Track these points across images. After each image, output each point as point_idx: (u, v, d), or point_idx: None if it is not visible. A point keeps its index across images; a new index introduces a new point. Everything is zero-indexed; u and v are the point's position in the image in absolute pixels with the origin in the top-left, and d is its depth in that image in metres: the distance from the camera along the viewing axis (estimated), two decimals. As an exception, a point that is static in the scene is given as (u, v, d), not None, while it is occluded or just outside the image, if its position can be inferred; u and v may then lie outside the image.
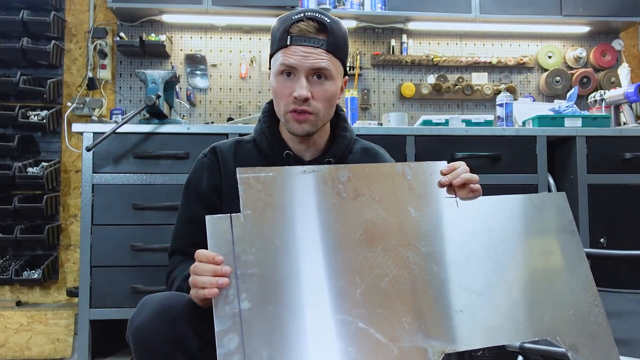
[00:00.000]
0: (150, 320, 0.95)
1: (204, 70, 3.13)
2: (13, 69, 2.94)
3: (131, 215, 2.25)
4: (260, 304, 0.83)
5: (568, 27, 3.24)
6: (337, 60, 1.14)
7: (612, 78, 3.25)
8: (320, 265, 0.89)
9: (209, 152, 1.24)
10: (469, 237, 1.00)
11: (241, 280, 0.84)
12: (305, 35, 1.10)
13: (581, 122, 2.52)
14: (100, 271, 2.23)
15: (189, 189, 1.23)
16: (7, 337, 2.62)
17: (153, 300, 0.98)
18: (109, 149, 2.27)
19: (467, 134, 2.41)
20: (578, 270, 1.03)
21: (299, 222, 0.91)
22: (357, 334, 0.85)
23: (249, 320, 0.81)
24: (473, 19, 3.02)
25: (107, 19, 3.09)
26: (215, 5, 2.85)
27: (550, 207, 1.08)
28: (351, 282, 0.89)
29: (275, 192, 0.92)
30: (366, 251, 0.92)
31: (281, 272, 0.86)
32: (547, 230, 1.06)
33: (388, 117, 2.85)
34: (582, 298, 1.00)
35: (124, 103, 3.07)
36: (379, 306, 0.88)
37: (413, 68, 3.26)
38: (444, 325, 0.90)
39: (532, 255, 1.02)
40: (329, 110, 1.17)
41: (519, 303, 0.97)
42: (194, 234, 1.17)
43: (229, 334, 0.79)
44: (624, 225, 2.40)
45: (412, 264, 0.94)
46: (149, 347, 0.95)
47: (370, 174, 0.99)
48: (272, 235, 0.88)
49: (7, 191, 2.84)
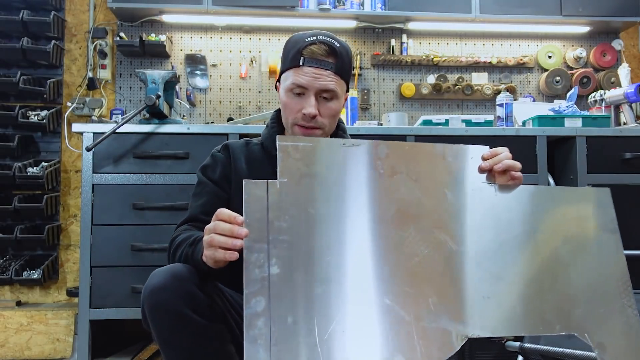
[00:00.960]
0: (163, 282, 1.04)
1: (204, 70, 3.13)
2: (13, 69, 2.94)
3: (131, 215, 2.25)
4: (289, 271, 0.83)
5: (568, 27, 3.24)
6: (342, 81, 1.26)
7: (612, 78, 3.25)
8: (351, 239, 0.89)
9: (222, 148, 1.36)
10: (504, 225, 0.98)
11: (272, 245, 0.84)
12: (317, 57, 1.21)
13: (581, 122, 2.51)
14: (100, 271, 2.23)
15: (203, 177, 1.33)
16: (7, 337, 2.62)
17: (161, 270, 1.08)
18: (109, 149, 2.27)
19: (467, 134, 2.41)
20: (615, 269, 1.02)
21: (334, 194, 0.91)
22: (382, 310, 0.85)
23: (277, 285, 0.81)
24: (473, 19, 3.02)
25: (107, 19, 3.09)
26: (215, 5, 2.85)
27: (593, 202, 1.07)
28: (381, 258, 0.89)
29: (312, 163, 0.92)
30: (398, 229, 0.92)
31: (312, 242, 0.87)
32: (588, 226, 1.04)
33: (388, 117, 2.85)
34: (617, 298, 0.99)
35: (124, 103, 3.07)
36: (406, 285, 0.88)
37: (413, 68, 3.26)
38: (470, 310, 0.90)
39: (569, 250, 1.00)
40: (333, 125, 1.31)
41: (549, 296, 0.96)
42: (208, 204, 1.26)
43: (257, 297, 0.80)
44: (624, 225, 2.37)
45: (443, 246, 0.93)
46: (163, 306, 1.04)
47: (409, 152, 0.98)
48: (306, 204, 0.89)
49: (7, 191, 2.84)
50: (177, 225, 1.29)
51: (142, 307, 1.08)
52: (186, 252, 1.12)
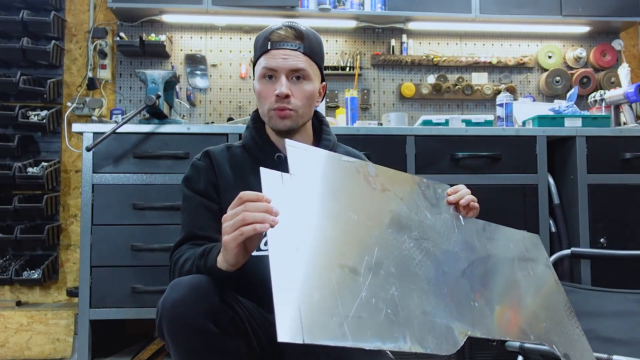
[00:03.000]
0: (184, 297, 0.99)
1: (204, 70, 3.13)
2: (13, 69, 2.94)
3: (131, 215, 2.25)
4: (309, 253, 0.85)
5: (568, 27, 3.24)
6: (313, 63, 1.26)
7: (612, 78, 3.25)
8: (358, 235, 0.93)
9: (203, 156, 1.32)
10: (470, 247, 1.11)
11: (291, 229, 0.87)
12: (284, 40, 1.23)
13: (581, 122, 2.52)
14: (100, 271, 2.23)
15: (188, 190, 1.28)
16: (7, 337, 2.62)
17: (182, 281, 1.03)
18: (109, 149, 2.27)
19: (467, 134, 2.41)
20: (558, 296, 1.19)
21: (338, 194, 0.97)
22: (392, 300, 0.88)
23: (300, 264, 0.82)
24: (473, 19, 3.03)
25: (107, 19, 3.09)
26: (215, 5, 2.85)
27: (531, 243, 1.26)
28: (385, 255, 0.93)
29: (317, 166, 0.99)
30: (395, 234, 0.99)
31: (325, 232, 0.90)
32: (529, 258, 1.23)
33: (388, 117, 2.85)
34: (565, 319, 1.13)
35: (124, 103, 3.07)
36: (409, 282, 0.93)
37: (413, 68, 3.26)
38: (465, 311, 0.96)
39: (523, 275, 1.16)
40: (308, 109, 1.27)
41: (521, 310, 1.07)
42: (201, 218, 1.23)
43: (282, 273, 0.79)
44: (624, 225, 2.40)
45: (432, 255, 1.01)
46: (184, 322, 0.98)
47: (392, 176, 1.09)
48: (314, 198, 0.94)
49: (7, 191, 2.84)
50: (174, 246, 1.24)
51: (159, 320, 1.02)
52: (197, 265, 1.08)
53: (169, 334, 1.01)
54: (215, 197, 1.26)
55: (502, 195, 2.37)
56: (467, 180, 2.34)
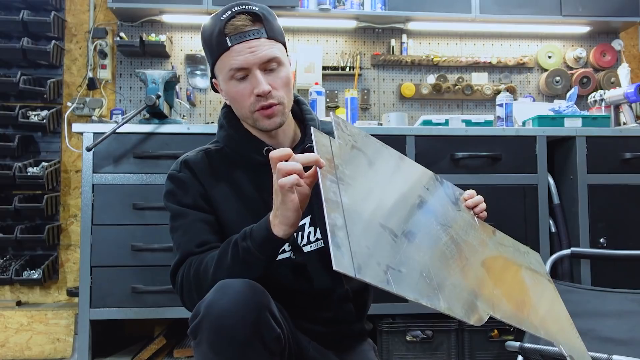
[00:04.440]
0: (234, 305, 0.90)
1: (204, 70, 3.13)
2: (13, 69, 2.94)
3: (131, 215, 2.25)
4: (356, 205, 0.88)
5: (568, 27, 3.24)
6: (279, 44, 1.13)
7: (612, 78, 3.25)
8: (395, 206, 0.99)
9: (182, 167, 1.18)
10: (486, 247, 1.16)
11: (341, 182, 0.89)
12: (243, 30, 1.07)
13: (581, 122, 2.52)
14: (100, 271, 2.23)
15: (176, 205, 1.17)
16: (7, 337, 2.62)
17: (235, 285, 0.93)
18: (109, 149, 2.27)
19: (467, 134, 2.41)
20: (562, 309, 1.21)
21: (377, 169, 1.04)
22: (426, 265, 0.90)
23: (349, 212, 0.84)
24: (473, 19, 3.03)
25: (107, 19, 3.09)
26: (215, 6, 2.84)
27: (534, 257, 1.33)
28: (418, 229, 0.98)
29: (359, 141, 1.03)
30: (422, 215, 1.05)
31: (369, 197, 0.95)
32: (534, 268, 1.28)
33: (388, 117, 2.85)
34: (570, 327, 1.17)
35: (124, 103, 3.07)
36: (438, 258, 0.96)
37: (413, 68, 3.26)
38: (485, 293, 0.97)
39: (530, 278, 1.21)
40: (290, 94, 1.16)
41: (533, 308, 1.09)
42: (200, 234, 1.12)
43: (335, 213, 0.81)
44: (624, 225, 2.40)
45: (457, 242, 1.05)
46: (229, 334, 0.89)
47: (412, 169, 1.19)
48: (359, 167, 0.99)
49: (7, 191, 2.84)
50: (173, 269, 1.12)
51: (199, 322, 0.92)
52: (242, 248, 0.98)
53: (210, 343, 0.91)
54: (207, 208, 1.15)
55: (502, 195, 2.37)
56: (467, 180, 2.34)
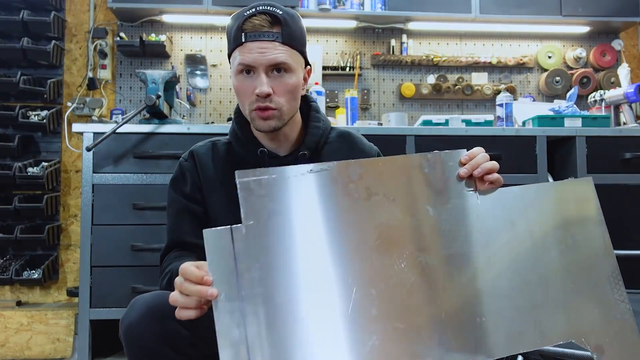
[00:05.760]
0: (140, 319, 0.97)
1: (204, 70, 3.13)
2: (13, 69, 2.94)
3: (131, 215, 2.25)
4: (268, 328, 0.76)
5: (568, 27, 3.24)
6: (295, 51, 1.12)
7: (612, 78, 3.25)
8: (333, 279, 0.82)
9: (188, 156, 1.25)
10: (490, 235, 0.91)
11: (246, 302, 0.76)
12: (259, 30, 1.09)
13: (581, 122, 2.52)
14: (100, 271, 2.23)
15: (174, 191, 1.25)
16: (7, 337, 2.62)
17: (142, 300, 1.00)
18: (109, 149, 2.27)
19: (467, 134, 2.41)
20: (605, 263, 0.96)
21: (308, 229, 0.83)
22: (372, 353, 0.78)
23: (255, 348, 0.74)
24: (473, 19, 3.03)
25: (107, 19, 3.09)
26: (215, 5, 2.85)
27: (576, 195, 1.00)
28: (366, 295, 0.82)
29: (279, 197, 0.82)
30: (382, 259, 0.84)
31: (290, 290, 0.79)
32: (574, 223, 0.97)
33: (388, 117, 2.85)
34: (609, 294, 0.94)
35: (124, 103, 3.07)
36: (396, 320, 0.82)
37: (413, 68, 3.26)
38: (466, 335, 0.85)
39: (557, 251, 0.94)
40: (293, 103, 1.15)
41: (544, 305, 0.90)
42: (185, 224, 1.20)
43: (230, 351, 0.72)
44: (624, 225, 2.40)
45: (431, 270, 0.87)
46: (139, 345, 0.98)
47: (384, 169, 0.90)
48: (278, 247, 0.80)
49: (7, 191, 2.84)
50: (162, 253, 1.22)
51: (120, 337, 1.01)
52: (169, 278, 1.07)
53: (127, 353, 1.00)
54: (200, 199, 1.21)
55: (502, 195, 2.37)
56: (467, 180, 2.34)
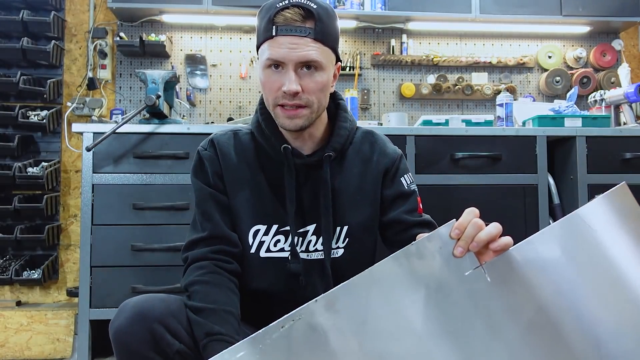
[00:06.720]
0: (127, 324, 0.97)
1: (204, 70, 3.13)
2: (13, 69, 2.94)
3: (131, 215, 2.25)
4: None
5: (568, 27, 3.24)
6: (327, 48, 1.07)
7: (612, 78, 3.25)
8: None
9: (209, 145, 1.22)
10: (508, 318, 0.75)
11: None
12: (291, 24, 1.03)
13: (581, 122, 2.51)
14: (100, 271, 2.23)
15: (197, 179, 1.21)
16: (7, 337, 2.62)
17: (130, 304, 1.00)
18: (109, 149, 2.27)
19: (467, 134, 2.41)
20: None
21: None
22: None
23: None
24: (473, 19, 3.02)
25: (107, 19, 3.09)
26: (215, 5, 2.85)
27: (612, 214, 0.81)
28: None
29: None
30: None
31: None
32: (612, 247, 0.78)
33: (388, 117, 2.85)
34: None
35: (124, 103, 3.07)
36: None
37: (413, 68, 3.26)
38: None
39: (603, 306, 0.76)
40: (323, 100, 1.11)
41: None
42: (214, 214, 1.16)
43: None
44: (624, 225, 2.40)
45: None
46: (126, 349, 0.98)
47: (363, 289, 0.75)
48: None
49: (7, 191, 2.84)
50: (189, 243, 1.16)
51: (111, 342, 1.01)
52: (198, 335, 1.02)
53: (116, 356, 1.01)
54: (222, 188, 1.18)
55: (502, 195, 2.37)
56: (467, 180, 2.34)
